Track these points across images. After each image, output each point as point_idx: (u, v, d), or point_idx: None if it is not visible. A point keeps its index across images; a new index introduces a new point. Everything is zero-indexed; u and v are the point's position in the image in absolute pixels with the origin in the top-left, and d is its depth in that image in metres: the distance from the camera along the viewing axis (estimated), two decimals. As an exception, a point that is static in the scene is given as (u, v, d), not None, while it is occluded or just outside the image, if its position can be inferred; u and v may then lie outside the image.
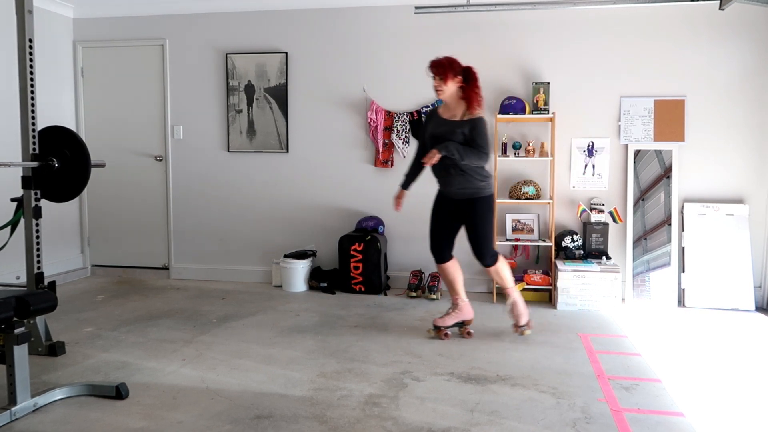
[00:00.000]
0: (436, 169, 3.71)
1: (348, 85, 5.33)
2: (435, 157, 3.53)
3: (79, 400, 2.84)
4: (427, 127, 3.77)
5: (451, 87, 3.62)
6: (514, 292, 3.87)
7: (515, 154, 4.99)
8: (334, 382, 3.07)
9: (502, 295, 4.98)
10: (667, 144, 4.88)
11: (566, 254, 4.84)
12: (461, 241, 3.94)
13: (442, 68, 3.60)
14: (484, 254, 3.75)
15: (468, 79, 3.66)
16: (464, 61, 5.08)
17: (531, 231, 5.06)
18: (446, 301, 4.86)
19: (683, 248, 4.81)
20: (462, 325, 3.91)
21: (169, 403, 2.81)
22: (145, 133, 5.72)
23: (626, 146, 4.96)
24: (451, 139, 3.59)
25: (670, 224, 4.86)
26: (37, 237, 3.27)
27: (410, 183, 3.96)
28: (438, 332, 3.83)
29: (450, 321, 3.84)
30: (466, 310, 3.90)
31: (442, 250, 3.83)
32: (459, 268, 3.92)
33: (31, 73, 3.21)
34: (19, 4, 3.15)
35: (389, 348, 3.63)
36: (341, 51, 5.32)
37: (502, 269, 3.84)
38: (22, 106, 3.21)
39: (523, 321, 3.88)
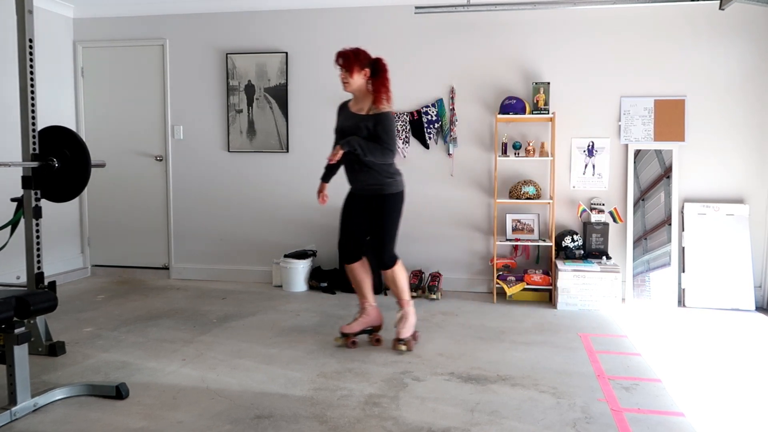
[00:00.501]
0: (343, 165, 3.61)
1: (348, 85, 5.32)
2: (338, 153, 3.39)
3: (79, 400, 2.84)
4: (337, 120, 3.65)
5: (358, 80, 3.47)
6: (409, 305, 3.63)
7: (515, 154, 4.99)
8: (335, 382, 3.07)
9: (501, 295, 4.99)
10: (667, 144, 4.88)
11: (566, 254, 4.84)
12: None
13: (348, 60, 3.46)
14: (384, 254, 3.54)
15: (376, 71, 3.51)
16: (464, 61, 5.13)
17: (531, 231, 5.06)
18: (446, 300, 4.86)
19: (683, 248, 4.81)
20: (371, 332, 3.71)
21: (170, 403, 2.81)
22: (146, 133, 5.72)
23: (626, 146, 4.96)
24: (355, 134, 3.45)
25: (670, 224, 4.86)
26: (38, 237, 3.26)
27: (330, 176, 3.80)
28: (346, 340, 3.62)
29: (357, 327, 3.63)
30: (374, 315, 3.70)
31: (351, 249, 3.63)
32: (368, 269, 3.71)
33: (32, 73, 3.21)
34: (19, 3, 3.15)
35: (389, 348, 3.62)
36: (341, 51, 5.32)
37: (400, 275, 3.59)
38: (22, 105, 3.21)
39: (404, 335, 3.58)
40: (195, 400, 2.84)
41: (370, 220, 3.59)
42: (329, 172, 3.80)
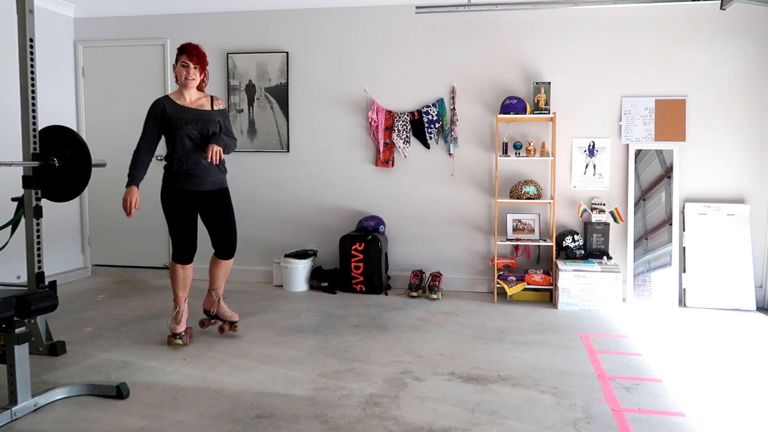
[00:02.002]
0: (188, 163, 3.56)
1: (349, 85, 5.33)
2: (221, 152, 3.51)
3: (80, 399, 2.84)
4: (160, 112, 3.53)
5: (199, 78, 3.63)
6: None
7: (516, 153, 4.99)
8: (335, 381, 3.07)
9: (502, 295, 4.99)
10: (668, 144, 4.87)
11: (567, 254, 4.84)
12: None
13: (202, 58, 3.59)
14: (235, 243, 3.79)
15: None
16: (465, 61, 5.12)
17: (532, 231, 5.06)
18: (447, 300, 4.86)
19: (684, 248, 4.81)
20: (224, 321, 3.88)
21: (170, 402, 2.81)
22: (146, 132, 5.71)
23: (627, 146, 4.96)
24: (210, 129, 3.58)
25: (671, 224, 4.85)
26: (38, 237, 3.27)
27: (143, 177, 3.61)
28: (180, 338, 3.66)
29: (184, 323, 3.71)
30: (185, 314, 3.76)
31: (192, 249, 3.68)
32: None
33: (32, 72, 3.21)
34: (20, 3, 3.15)
35: (390, 348, 3.63)
36: (342, 51, 5.32)
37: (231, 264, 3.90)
38: (23, 105, 3.21)
39: (236, 318, 3.88)
40: (195, 399, 2.84)
41: (211, 214, 3.70)
42: (143, 172, 3.60)
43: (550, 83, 4.89)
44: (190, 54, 3.55)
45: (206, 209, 3.70)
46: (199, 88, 3.69)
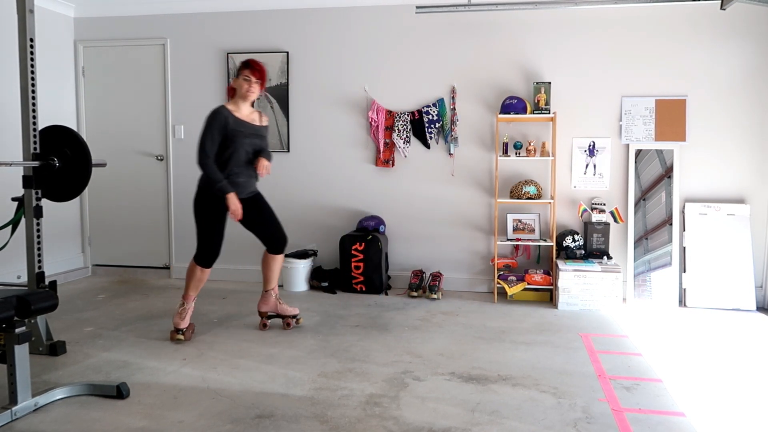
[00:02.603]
0: (241, 175, 3.72)
1: (349, 85, 5.32)
2: (269, 167, 3.77)
3: (80, 399, 2.84)
4: (225, 123, 3.61)
5: (257, 93, 3.78)
6: None
7: (516, 153, 4.99)
8: (335, 381, 3.07)
9: (502, 295, 4.99)
10: (668, 144, 4.87)
11: (567, 254, 4.84)
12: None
13: (263, 74, 3.76)
14: (286, 237, 3.94)
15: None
16: (465, 61, 5.12)
17: (532, 231, 5.06)
18: (447, 300, 4.86)
19: (684, 248, 4.81)
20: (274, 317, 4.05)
21: (170, 402, 2.81)
22: (147, 132, 5.72)
23: (627, 146, 4.96)
24: (260, 144, 3.80)
25: (671, 224, 4.85)
26: (38, 236, 3.27)
27: None
28: (182, 334, 3.74)
29: (188, 320, 3.79)
30: (191, 311, 3.84)
31: (217, 255, 3.74)
32: None
33: (32, 72, 3.21)
34: (20, 3, 3.15)
35: (390, 348, 3.63)
36: (342, 50, 5.32)
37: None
38: (23, 105, 3.21)
39: (296, 311, 4.05)
40: (196, 399, 2.84)
41: (257, 216, 3.86)
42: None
43: (550, 83, 4.89)
44: (253, 69, 3.70)
45: (249, 213, 3.82)
46: (252, 104, 3.85)
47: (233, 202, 3.62)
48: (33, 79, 3.21)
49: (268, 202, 3.91)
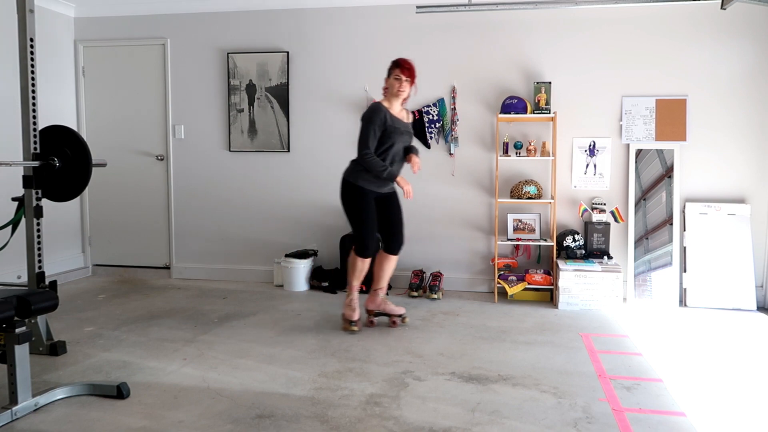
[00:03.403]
0: (391, 170, 3.85)
1: (349, 85, 5.32)
2: (419, 163, 3.96)
3: (80, 399, 2.84)
4: (384, 120, 3.78)
5: (408, 91, 3.91)
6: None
7: (517, 153, 4.99)
8: (336, 381, 3.07)
9: (503, 294, 4.99)
10: (668, 143, 4.87)
11: (567, 254, 4.84)
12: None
13: (414, 73, 3.86)
14: (404, 241, 4.06)
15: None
16: (466, 61, 5.12)
17: (532, 230, 5.06)
18: (447, 300, 4.86)
19: (685, 248, 4.80)
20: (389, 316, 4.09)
21: (170, 402, 2.81)
22: (147, 132, 5.72)
23: (628, 146, 4.96)
24: (409, 141, 3.97)
25: (671, 224, 4.85)
26: (38, 236, 3.27)
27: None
28: (355, 324, 3.94)
29: (358, 310, 3.97)
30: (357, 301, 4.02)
31: (377, 245, 3.95)
32: None
33: (32, 72, 3.21)
34: (20, 3, 3.15)
35: (390, 348, 3.63)
36: (342, 50, 5.32)
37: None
38: (23, 105, 3.21)
39: (402, 310, 4.12)
40: (196, 399, 2.84)
41: (388, 212, 4.00)
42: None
43: (550, 83, 4.88)
44: (403, 68, 3.82)
45: (384, 208, 3.98)
46: (404, 101, 3.95)
47: (405, 182, 3.86)
48: (33, 78, 3.21)
49: (400, 203, 4.05)
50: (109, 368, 3.26)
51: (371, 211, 3.86)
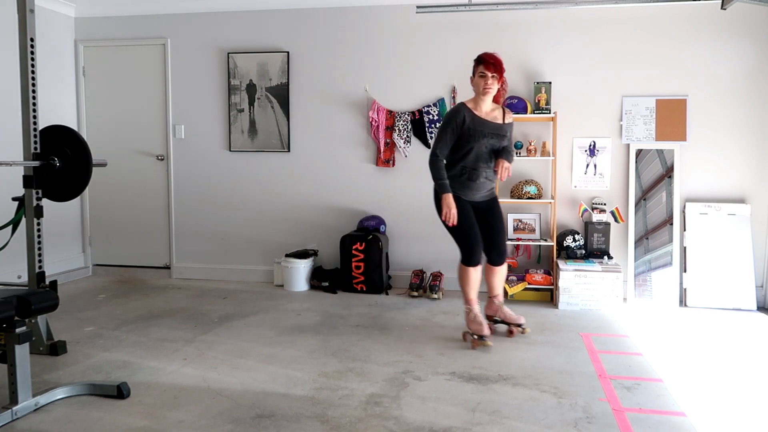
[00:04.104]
0: (472, 174, 3.63)
1: (349, 85, 5.32)
2: (509, 170, 3.61)
3: (81, 399, 2.84)
4: (462, 122, 3.55)
5: (496, 87, 3.61)
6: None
7: (517, 153, 4.99)
8: (336, 381, 3.07)
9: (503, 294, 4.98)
10: (668, 143, 4.87)
11: (568, 254, 4.84)
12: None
13: (501, 67, 3.56)
14: (506, 251, 3.87)
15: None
16: (466, 61, 5.12)
17: (532, 230, 5.06)
18: (448, 300, 4.86)
19: (685, 248, 4.80)
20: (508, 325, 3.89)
21: (171, 402, 2.81)
22: (147, 132, 5.72)
23: (628, 146, 4.96)
24: (502, 145, 3.65)
25: (671, 224, 4.85)
26: (39, 236, 3.27)
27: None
28: (487, 339, 3.62)
29: (485, 322, 3.67)
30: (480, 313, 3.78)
31: (481, 251, 3.73)
32: None
33: (33, 72, 3.21)
34: (20, 3, 3.15)
35: (391, 347, 3.63)
36: (343, 50, 5.32)
37: (506, 269, 3.95)
38: (23, 105, 3.21)
39: (522, 320, 3.91)
40: (196, 399, 2.84)
41: (485, 222, 3.77)
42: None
43: (550, 83, 4.88)
44: (488, 63, 3.54)
45: (481, 217, 3.76)
46: (495, 99, 3.68)
47: (447, 203, 3.55)
48: (33, 78, 3.21)
49: (501, 210, 3.82)
50: (109, 368, 3.26)
51: (467, 216, 3.62)
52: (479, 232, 3.68)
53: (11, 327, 2.60)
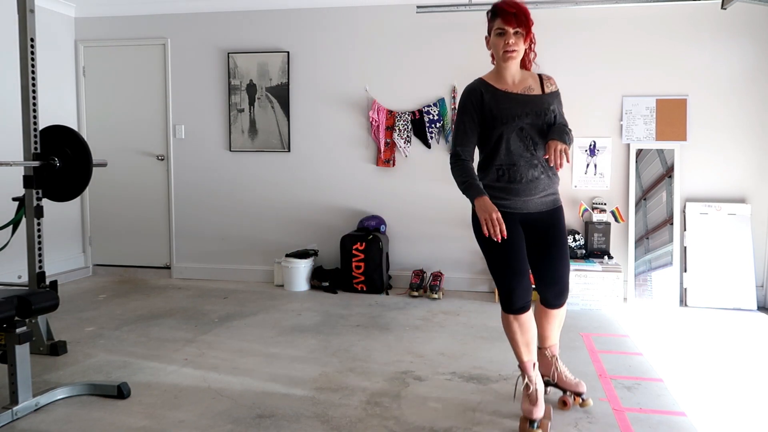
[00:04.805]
0: (512, 172, 2.52)
1: (350, 85, 5.32)
2: (566, 152, 2.42)
3: (81, 399, 2.84)
4: (479, 103, 2.53)
5: (523, 48, 2.53)
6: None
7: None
8: (336, 381, 3.07)
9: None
10: (669, 143, 4.87)
11: (568, 254, 4.84)
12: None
13: (526, 18, 2.48)
14: (567, 287, 2.68)
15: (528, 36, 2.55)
16: (466, 61, 5.12)
17: (533, 230, 5.05)
18: (448, 300, 4.86)
19: (685, 248, 4.80)
20: (564, 392, 2.77)
21: (171, 402, 2.81)
22: (147, 132, 5.72)
23: (628, 145, 4.95)
24: (544, 122, 2.55)
25: (671, 224, 4.85)
26: (39, 236, 3.27)
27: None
28: (539, 427, 2.48)
29: (542, 401, 2.55)
30: (541, 386, 2.61)
31: (526, 290, 2.61)
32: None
33: (33, 72, 3.21)
34: (21, 3, 3.15)
35: (391, 347, 3.63)
36: (343, 50, 5.32)
37: (565, 312, 2.78)
38: (23, 105, 3.21)
39: (582, 388, 2.77)
40: (196, 399, 2.84)
41: (539, 244, 2.62)
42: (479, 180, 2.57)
43: (551, 83, 4.88)
44: (507, 15, 2.44)
45: (533, 236, 2.61)
46: (523, 65, 2.62)
47: (481, 207, 2.40)
48: (34, 78, 3.21)
49: (564, 230, 2.63)
50: (109, 368, 3.26)
51: (507, 241, 2.48)
52: (525, 262, 2.58)
53: (12, 327, 2.60)
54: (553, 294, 2.67)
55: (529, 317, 2.58)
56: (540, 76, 2.64)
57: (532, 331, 2.58)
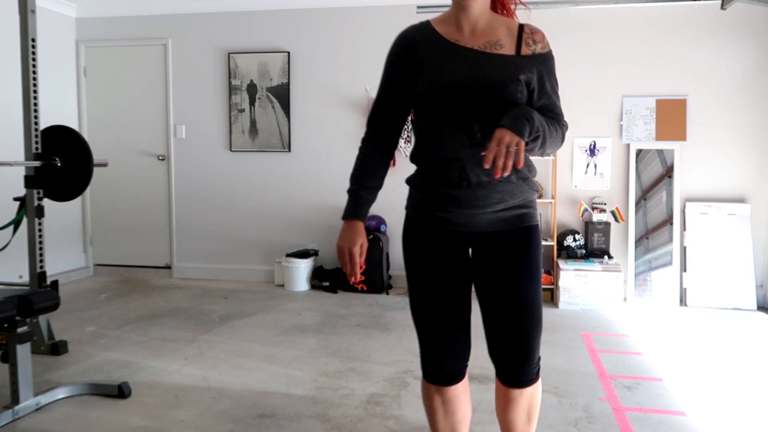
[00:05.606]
0: (450, 168, 1.62)
1: (350, 85, 5.33)
2: (519, 150, 1.44)
3: (82, 399, 2.84)
4: (408, 60, 1.80)
5: None
6: None
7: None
8: (336, 381, 3.08)
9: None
10: (668, 143, 4.87)
11: (568, 253, 4.84)
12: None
13: None
14: (534, 352, 1.72)
15: None
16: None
17: (533, 230, 5.05)
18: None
19: (685, 247, 4.81)
20: None
21: (172, 402, 2.82)
22: (148, 132, 5.73)
23: (628, 146, 4.96)
24: (507, 96, 1.58)
25: (671, 224, 4.85)
26: (40, 236, 3.28)
27: (374, 196, 1.94)
28: None
29: None
30: None
31: (457, 353, 1.81)
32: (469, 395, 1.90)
33: (34, 72, 3.22)
34: (21, 3, 3.15)
35: (391, 347, 3.63)
36: (343, 50, 5.32)
37: (538, 397, 1.83)
38: (24, 105, 3.22)
39: None
40: (197, 399, 2.85)
41: (493, 283, 1.67)
42: (373, 188, 1.93)
43: (551, 83, 4.88)
44: None
45: (486, 270, 1.68)
46: (498, 5, 1.77)
47: (345, 236, 1.76)
48: (35, 79, 3.22)
49: (535, 262, 1.66)
50: (110, 368, 3.27)
51: (429, 276, 1.70)
52: (463, 311, 1.75)
53: (13, 327, 2.61)
54: (513, 363, 1.73)
55: (460, 392, 1.81)
56: (521, 27, 1.70)
57: (460, 414, 1.80)
